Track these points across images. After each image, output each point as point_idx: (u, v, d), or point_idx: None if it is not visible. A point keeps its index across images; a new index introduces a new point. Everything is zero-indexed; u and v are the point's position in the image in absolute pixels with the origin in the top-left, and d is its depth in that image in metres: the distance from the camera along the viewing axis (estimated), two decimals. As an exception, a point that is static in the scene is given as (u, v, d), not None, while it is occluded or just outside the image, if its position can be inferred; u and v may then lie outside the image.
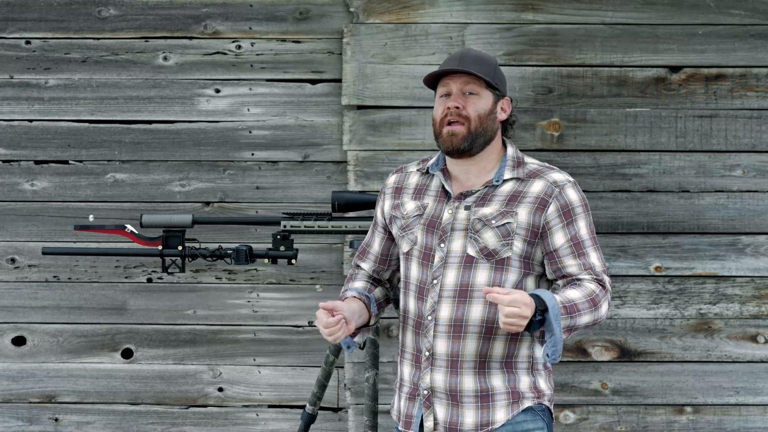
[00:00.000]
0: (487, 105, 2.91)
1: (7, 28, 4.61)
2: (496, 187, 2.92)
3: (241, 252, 3.81)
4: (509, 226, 2.87)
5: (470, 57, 2.92)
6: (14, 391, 4.66)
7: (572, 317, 2.79)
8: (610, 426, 4.53)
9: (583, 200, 2.92)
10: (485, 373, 2.88)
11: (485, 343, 2.87)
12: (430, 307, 2.91)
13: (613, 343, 4.52)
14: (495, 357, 2.88)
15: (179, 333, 4.64)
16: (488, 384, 2.88)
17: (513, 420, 2.88)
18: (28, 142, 4.62)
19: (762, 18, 4.47)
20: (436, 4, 4.48)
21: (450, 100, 2.90)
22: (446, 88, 2.91)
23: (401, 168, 3.09)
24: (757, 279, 4.50)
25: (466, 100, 2.90)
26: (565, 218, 2.87)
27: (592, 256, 2.88)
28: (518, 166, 2.94)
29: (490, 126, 2.91)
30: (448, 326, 2.88)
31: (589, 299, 2.82)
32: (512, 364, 2.90)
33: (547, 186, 2.89)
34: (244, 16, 4.58)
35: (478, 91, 2.90)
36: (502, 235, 2.87)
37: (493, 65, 2.93)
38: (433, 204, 2.96)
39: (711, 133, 4.49)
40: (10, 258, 4.64)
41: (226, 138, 4.60)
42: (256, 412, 4.64)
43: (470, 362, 2.88)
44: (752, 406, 4.52)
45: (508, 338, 2.88)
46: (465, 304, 2.88)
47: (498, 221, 2.88)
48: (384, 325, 4.49)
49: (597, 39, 4.49)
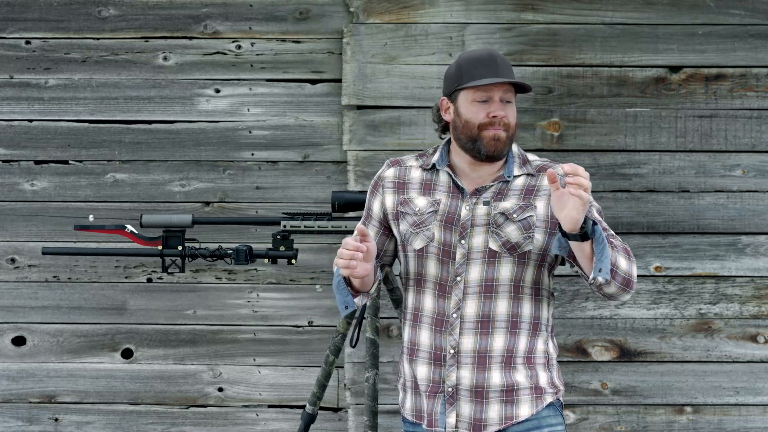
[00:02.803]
0: (516, 111, 2.98)
1: (7, 28, 4.61)
2: (508, 183, 2.96)
3: (241, 252, 3.81)
4: (530, 219, 2.91)
5: (503, 63, 2.96)
6: (14, 391, 4.66)
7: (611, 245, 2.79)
8: (610, 426, 4.53)
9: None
10: (511, 368, 2.92)
11: (512, 338, 2.91)
12: (455, 305, 2.92)
13: (613, 343, 4.52)
14: (519, 352, 2.92)
15: (179, 333, 4.64)
16: (513, 379, 2.92)
17: (538, 415, 2.93)
18: (28, 142, 4.62)
19: (762, 18, 4.47)
20: (436, 4, 4.48)
21: (494, 108, 2.93)
22: (487, 94, 2.93)
23: (396, 161, 3.07)
24: (757, 279, 4.50)
25: (506, 108, 2.95)
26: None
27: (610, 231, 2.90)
28: (524, 163, 2.99)
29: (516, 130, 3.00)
30: (475, 323, 2.91)
31: (623, 248, 2.85)
32: (532, 359, 2.94)
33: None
34: (244, 16, 4.58)
35: (512, 99, 2.96)
36: (524, 228, 2.91)
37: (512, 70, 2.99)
38: (447, 200, 2.97)
39: (711, 133, 4.49)
40: (10, 258, 4.64)
41: (226, 138, 4.60)
42: (256, 412, 4.64)
43: (498, 357, 2.91)
44: (752, 406, 4.52)
45: (530, 332, 2.93)
46: (491, 300, 2.91)
47: (519, 215, 2.91)
48: (384, 325, 4.49)
49: (597, 39, 4.49)
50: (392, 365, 4.48)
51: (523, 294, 2.93)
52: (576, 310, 4.51)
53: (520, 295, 2.92)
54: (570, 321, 4.50)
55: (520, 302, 2.92)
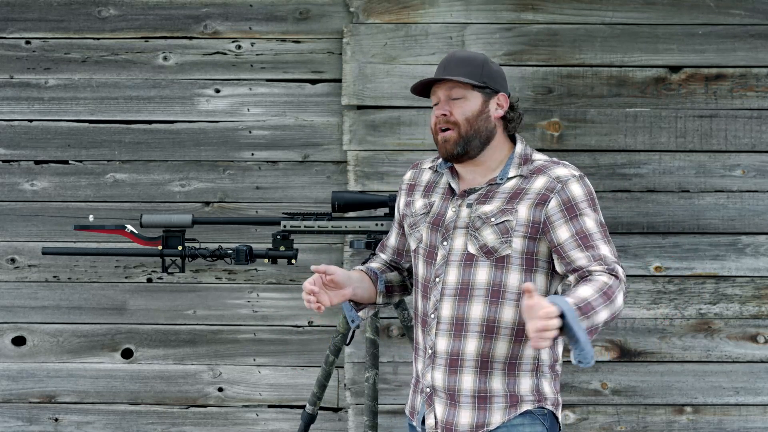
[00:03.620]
0: (475, 106, 2.91)
1: (7, 28, 4.61)
2: (499, 185, 2.92)
3: (241, 252, 3.81)
4: (508, 223, 2.86)
5: (454, 61, 2.93)
6: (14, 391, 4.66)
7: (588, 317, 2.65)
8: (610, 426, 4.53)
9: (589, 195, 2.89)
10: (486, 373, 2.88)
11: (487, 343, 2.87)
12: (433, 306, 2.92)
13: (613, 343, 4.52)
14: (498, 357, 2.88)
15: (179, 333, 4.64)
16: (487, 385, 2.88)
17: (509, 423, 2.87)
18: (28, 142, 4.63)
19: (762, 18, 4.47)
20: (436, 4, 4.48)
21: (438, 108, 2.92)
22: (435, 96, 2.94)
23: (417, 164, 3.12)
24: (757, 279, 4.50)
25: (453, 105, 2.91)
26: (569, 213, 2.85)
27: (602, 248, 2.82)
28: (524, 163, 2.94)
29: (483, 126, 2.91)
30: (449, 324, 2.89)
31: (602, 293, 2.71)
32: (515, 366, 2.88)
33: (549, 181, 2.88)
34: (244, 16, 4.58)
35: (463, 95, 2.91)
36: (501, 232, 2.86)
37: (479, 64, 2.92)
38: (440, 202, 2.98)
39: (711, 133, 4.49)
40: (10, 258, 4.64)
41: (226, 138, 4.60)
42: (256, 412, 4.64)
43: (471, 361, 2.88)
44: (752, 406, 4.52)
45: (512, 338, 2.87)
46: (465, 303, 2.88)
47: (497, 219, 2.87)
48: (384, 325, 4.49)
49: (597, 39, 4.49)
50: (392, 365, 4.48)
51: (503, 299, 2.86)
52: (576, 310, 4.51)
53: (500, 300, 2.86)
54: (570, 321, 4.50)
55: (500, 307, 2.86)
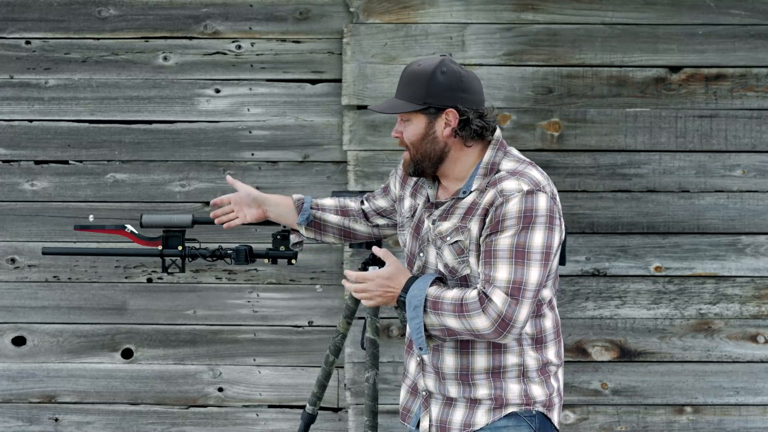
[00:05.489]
0: (417, 129, 2.84)
1: (7, 28, 4.61)
2: (461, 199, 2.85)
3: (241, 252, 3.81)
4: (462, 243, 2.81)
5: (404, 79, 2.85)
6: (14, 391, 4.66)
7: (436, 313, 2.74)
8: (610, 426, 4.53)
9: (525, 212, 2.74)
10: (470, 384, 2.87)
11: (464, 357, 2.86)
12: None
13: (613, 343, 4.52)
14: (478, 369, 2.86)
15: (179, 333, 4.64)
16: (472, 394, 2.88)
17: (493, 425, 2.86)
18: (28, 142, 4.62)
19: (762, 18, 4.47)
20: (436, 4, 4.48)
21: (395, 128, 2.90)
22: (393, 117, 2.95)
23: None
24: (757, 279, 4.50)
25: (404, 126, 2.87)
26: (492, 228, 2.76)
27: (499, 270, 2.72)
28: (489, 172, 2.83)
29: (431, 148, 2.83)
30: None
31: (456, 304, 2.73)
32: (500, 374, 2.86)
33: (493, 196, 2.78)
34: (244, 16, 4.58)
35: (408, 117, 2.84)
36: (457, 252, 2.82)
37: (423, 82, 2.79)
38: (421, 208, 2.95)
39: (711, 133, 4.49)
40: (10, 258, 4.64)
41: (226, 138, 4.60)
42: (256, 412, 4.64)
43: (451, 374, 2.88)
44: (752, 406, 4.52)
45: (490, 350, 2.84)
46: None
47: (452, 238, 2.83)
48: (384, 325, 4.49)
49: (597, 39, 4.49)
50: (392, 365, 4.48)
51: None
52: (576, 310, 4.51)
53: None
54: (570, 321, 4.50)
55: None
